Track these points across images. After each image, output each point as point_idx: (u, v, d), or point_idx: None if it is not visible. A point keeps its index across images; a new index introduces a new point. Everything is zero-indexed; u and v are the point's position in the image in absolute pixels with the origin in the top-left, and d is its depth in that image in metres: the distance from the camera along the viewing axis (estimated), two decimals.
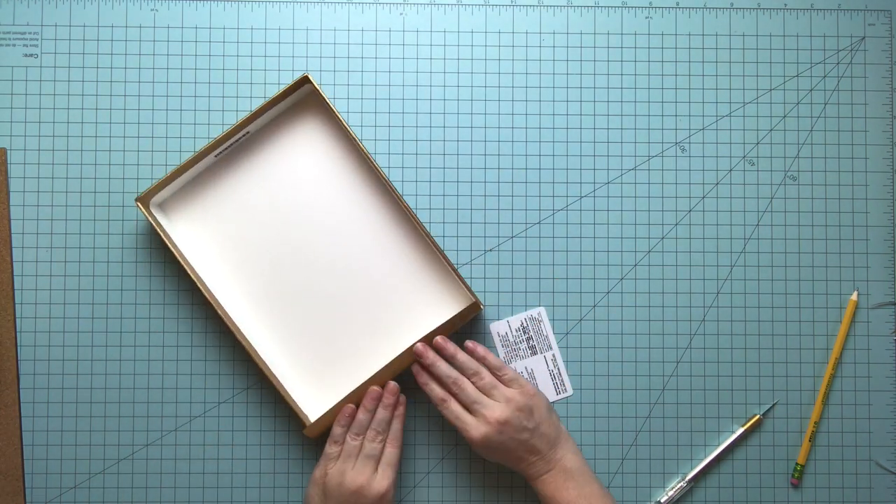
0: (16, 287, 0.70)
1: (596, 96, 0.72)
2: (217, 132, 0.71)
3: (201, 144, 0.71)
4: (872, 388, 0.72)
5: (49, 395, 0.70)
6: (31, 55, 0.71)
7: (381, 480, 0.64)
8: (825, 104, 0.73)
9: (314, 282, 0.70)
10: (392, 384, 0.67)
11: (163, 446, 0.70)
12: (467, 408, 0.65)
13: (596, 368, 0.71)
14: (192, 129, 0.71)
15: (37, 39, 0.71)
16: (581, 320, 0.71)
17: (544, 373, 0.71)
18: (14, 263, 0.70)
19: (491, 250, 0.71)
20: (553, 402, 0.71)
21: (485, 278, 0.71)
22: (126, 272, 0.70)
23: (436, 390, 0.66)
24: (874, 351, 0.72)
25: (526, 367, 0.70)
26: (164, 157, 0.71)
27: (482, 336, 0.71)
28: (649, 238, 0.72)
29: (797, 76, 0.73)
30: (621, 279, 0.71)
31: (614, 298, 0.71)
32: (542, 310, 0.71)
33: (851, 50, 0.73)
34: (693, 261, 0.72)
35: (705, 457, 0.71)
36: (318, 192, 0.70)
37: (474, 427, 0.64)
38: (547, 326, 0.71)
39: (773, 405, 0.71)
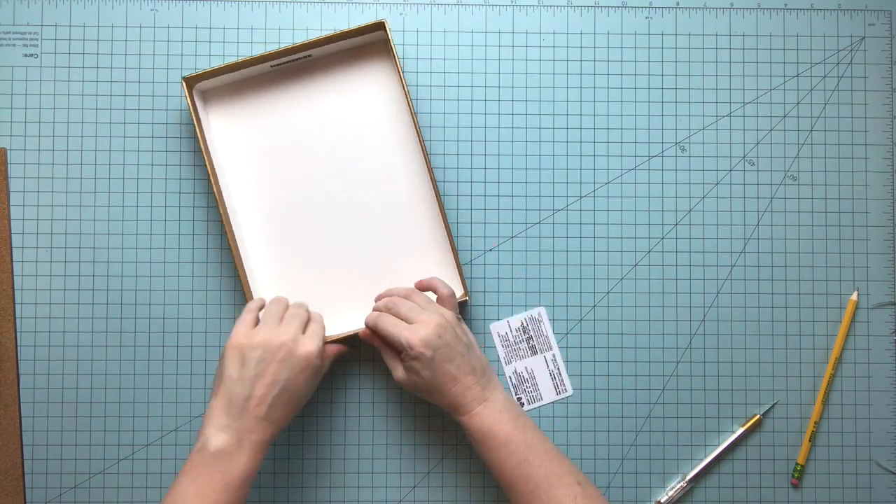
0: (16, 287, 0.70)
1: (596, 96, 0.72)
2: None
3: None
4: (872, 388, 0.72)
5: (49, 395, 0.70)
6: (31, 55, 0.71)
7: (309, 341, 0.61)
8: (825, 104, 0.73)
9: (323, 220, 0.70)
10: None
11: (163, 446, 0.70)
12: (403, 319, 0.64)
13: (596, 368, 0.71)
14: (191, 129, 0.71)
15: (37, 39, 0.71)
16: (581, 320, 0.71)
17: (544, 373, 0.71)
18: (14, 263, 0.70)
19: (491, 250, 0.71)
20: (553, 402, 0.71)
21: (485, 278, 0.71)
22: (126, 272, 0.70)
23: (370, 314, 0.65)
24: (874, 351, 0.72)
25: (526, 367, 0.70)
26: (164, 158, 0.71)
27: (482, 336, 0.71)
28: (649, 238, 0.72)
29: (797, 76, 0.73)
30: (621, 279, 0.71)
31: (614, 298, 0.71)
32: (542, 310, 0.71)
33: (851, 50, 0.73)
34: (693, 261, 0.72)
35: (705, 457, 0.71)
36: (359, 136, 0.70)
37: (412, 331, 0.62)
38: (547, 326, 0.71)
39: (773, 405, 0.71)
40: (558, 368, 0.71)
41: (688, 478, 0.70)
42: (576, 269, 0.71)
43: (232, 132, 0.70)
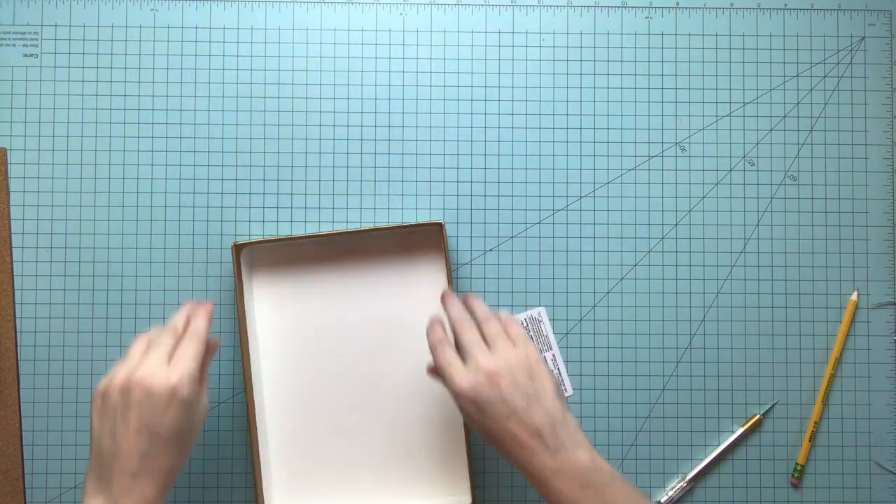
0: (16, 287, 0.70)
1: (596, 96, 0.72)
2: (217, 132, 0.71)
3: (201, 145, 0.71)
4: (872, 388, 0.72)
5: (49, 395, 0.70)
6: (31, 55, 0.71)
7: (169, 370, 0.52)
8: (825, 104, 0.73)
9: (345, 414, 0.68)
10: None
11: None
12: (463, 352, 0.57)
13: (596, 368, 0.71)
14: (191, 129, 0.71)
15: (37, 39, 0.71)
16: (581, 320, 0.71)
17: None
18: (14, 263, 0.70)
19: (491, 250, 0.71)
20: None
21: (485, 278, 0.71)
22: (126, 272, 0.70)
23: (436, 331, 0.58)
24: (874, 351, 0.72)
25: None
26: (164, 157, 0.71)
27: None
28: (649, 238, 0.72)
29: (797, 76, 0.73)
30: (621, 279, 0.71)
31: (614, 298, 0.71)
32: (542, 310, 0.71)
33: (851, 50, 0.73)
34: (693, 261, 0.72)
35: (705, 457, 0.71)
36: (396, 320, 0.69)
37: (462, 374, 0.54)
38: (547, 326, 0.71)
39: (773, 405, 0.71)
40: (558, 368, 0.71)
41: (688, 478, 0.70)
42: (576, 269, 0.71)
43: (270, 295, 0.69)
